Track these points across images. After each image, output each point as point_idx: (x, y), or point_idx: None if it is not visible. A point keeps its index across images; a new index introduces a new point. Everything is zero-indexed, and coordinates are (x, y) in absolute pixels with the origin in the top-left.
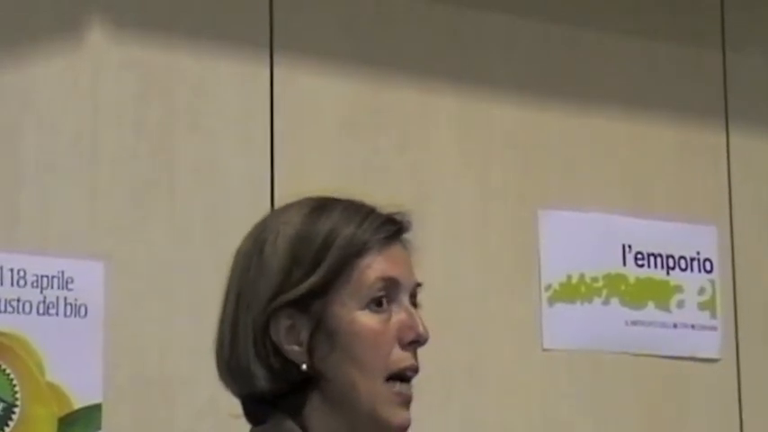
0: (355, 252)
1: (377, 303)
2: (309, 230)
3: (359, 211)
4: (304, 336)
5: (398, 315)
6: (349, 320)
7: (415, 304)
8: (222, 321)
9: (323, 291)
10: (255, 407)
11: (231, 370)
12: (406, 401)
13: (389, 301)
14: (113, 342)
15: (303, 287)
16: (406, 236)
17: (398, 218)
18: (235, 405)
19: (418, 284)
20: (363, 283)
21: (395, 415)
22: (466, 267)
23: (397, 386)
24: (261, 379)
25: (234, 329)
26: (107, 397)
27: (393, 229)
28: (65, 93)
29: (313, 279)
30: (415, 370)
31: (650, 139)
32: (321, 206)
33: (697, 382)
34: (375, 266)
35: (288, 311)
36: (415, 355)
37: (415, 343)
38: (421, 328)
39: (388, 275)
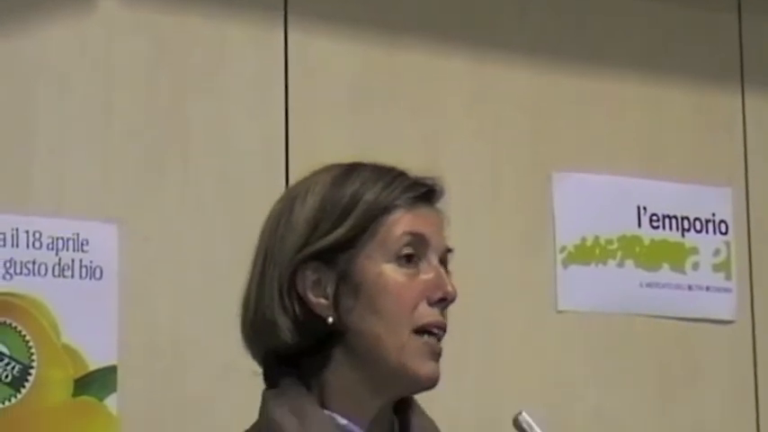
0: (383, 208)
1: (406, 259)
2: (338, 188)
3: (389, 172)
4: (330, 289)
5: (427, 274)
6: (375, 273)
7: (445, 268)
8: (250, 281)
9: (349, 244)
10: (276, 366)
11: (256, 325)
12: (435, 353)
13: (418, 259)
14: (128, 304)
15: (329, 239)
16: (437, 203)
17: (428, 182)
18: (251, 365)
19: (449, 250)
20: (390, 237)
21: (423, 365)
22: (480, 230)
23: (425, 338)
24: (285, 331)
25: (260, 286)
26: (122, 358)
27: (423, 190)
28: (78, 57)
29: (340, 231)
30: (443, 327)
31: (666, 102)
32: (351, 168)
33: (711, 344)
34: (403, 222)
35: (314, 265)
36: (443, 314)
37: (442, 301)
38: (449, 287)
39: (415, 230)
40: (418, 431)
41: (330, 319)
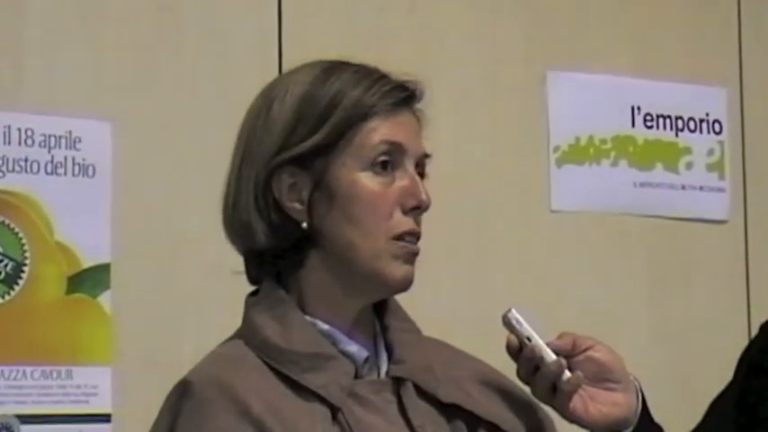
0: (361, 115)
1: (381, 166)
2: (317, 90)
3: (369, 75)
4: (305, 194)
5: (402, 181)
6: (349, 181)
7: (421, 174)
8: (228, 179)
9: (325, 150)
10: (255, 264)
11: (234, 226)
12: (411, 254)
13: (394, 167)
14: (121, 202)
15: (306, 145)
16: (417, 106)
17: (410, 85)
18: (241, 262)
19: (426, 155)
20: (366, 145)
21: (398, 269)
22: (474, 129)
23: (401, 242)
24: (261, 234)
25: (237, 186)
26: (115, 256)
27: (402, 95)
28: None
29: (316, 137)
30: (416, 235)
31: (661, 1)
32: (332, 68)
33: (705, 244)
34: (380, 130)
35: (290, 169)
36: (417, 222)
37: (416, 209)
38: (423, 195)
39: (392, 139)
40: (399, 334)
41: (304, 224)
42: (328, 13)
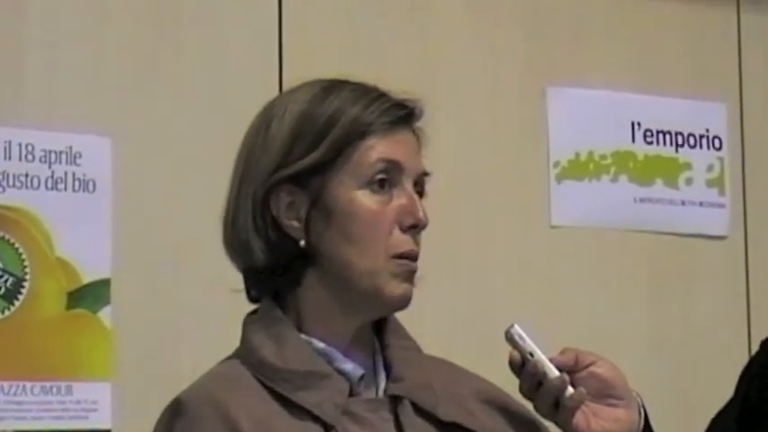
0: (359, 132)
1: (378, 185)
2: (315, 109)
3: (368, 93)
4: (303, 212)
5: (399, 200)
6: (347, 199)
7: (420, 193)
8: (228, 196)
9: (323, 168)
10: (254, 283)
11: (233, 244)
12: (410, 273)
13: (391, 185)
14: (122, 217)
15: (303, 163)
16: (417, 124)
17: (409, 104)
18: (241, 280)
19: (425, 174)
20: (363, 163)
21: (397, 287)
22: (474, 144)
23: (401, 260)
24: (259, 252)
25: (236, 203)
26: (116, 271)
27: (401, 113)
28: None
29: (314, 155)
30: (415, 256)
31: (661, 17)
32: (330, 86)
33: (705, 260)
34: (377, 148)
35: (288, 187)
36: (416, 241)
37: (414, 228)
38: (421, 214)
39: (389, 157)
40: (398, 351)
41: (302, 242)
42: (328, 25)
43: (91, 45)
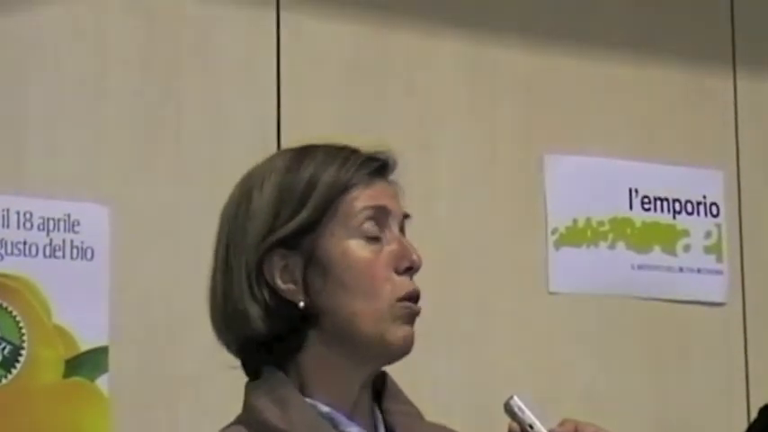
0: (341, 188)
1: (369, 234)
2: (294, 174)
3: (341, 152)
4: (298, 274)
5: (390, 246)
6: (340, 251)
7: (402, 233)
8: (214, 272)
9: (312, 227)
10: (252, 353)
11: (226, 315)
12: (412, 315)
13: (381, 231)
14: (119, 285)
15: (292, 225)
16: (391, 176)
17: (381, 156)
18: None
19: (406, 215)
20: (351, 213)
21: (399, 330)
22: (472, 211)
23: (404, 303)
24: (257, 319)
25: (227, 276)
26: (113, 339)
27: (376, 165)
28: (70, 37)
29: (302, 215)
30: (417, 297)
31: (658, 83)
32: (303, 152)
33: (703, 327)
34: (361, 198)
35: (280, 252)
36: (413, 283)
37: (410, 270)
38: (414, 256)
39: (375, 203)
40: (400, 417)
41: (302, 304)
42: (327, 100)
43: (90, 116)
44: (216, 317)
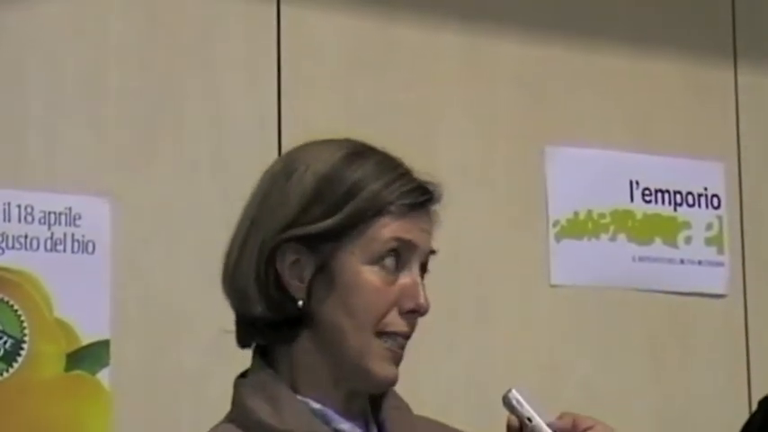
0: (377, 210)
1: (387, 264)
2: (338, 174)
3: (393, 169)
4: (307, 274)
5: (404, 280)
6: (354, 271)
7: (425, 266)
8: (234, 237)
9: (336, 236)
10: (246, 330)
11: (231, 287)
12: (396, 358)
13: (400, 266)
14: (121, 278)
15: (316, 227)
16: (432, 207)
17: (429, 187)
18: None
19: (432, 251)
20: (376, 240)
21: (382, 368)
22: (473, 204)
23: (388, 342)
24: (256, 304)
25: (242, 249)
26: (115, 333)
27: (421, 199)
28: (71, 32)
29: (329, 222)
30: (405, 335)
31: (659, 76)
32: (357, 153)
33: (704, 318)
34: (392, 226)
35: (296, 246)
36: (411, 325)
37: (413, 312)
38: (422, 300)
39: (403, 237)
40: (390, 411)
41: (300, 303)
42: (327, 94)
43: (91, 109)
44: (224, 281)
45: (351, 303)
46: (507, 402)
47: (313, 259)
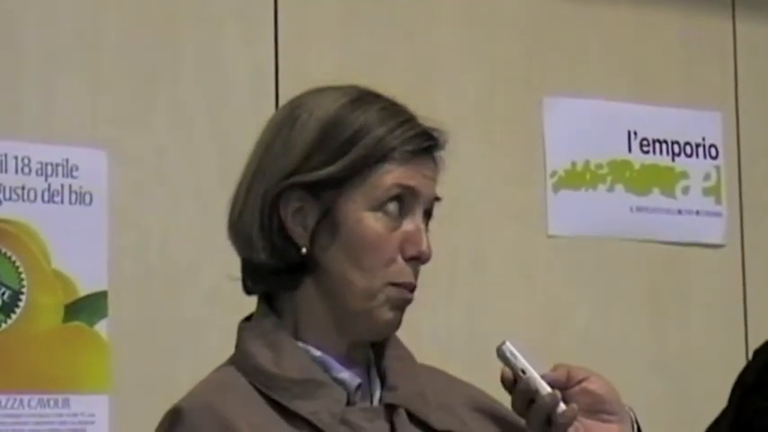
0: (380, 156)
1: (390, 211)
2: (342, 120)
3: (396, 115)
4: (310, 221)
5: (407, 226)
6: (356, 218)
7: (429, 213)
8: (239, 184)
9: (338, 183)
10: (251, 275)
11: (236, 234)
12: (404, 302)
13: (403, 212)
14: (118, 229)
15: (319, 174)
16: (437, 153)
17: (434, 134)
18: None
19: (436, 198)
20: (379, 186)
21: (386, 313)
22: (471, 155)
23: (394, 292)
24: (260, 251)
25: (247, 196)
26: (112, 284)
27: (425, 144)
28: None
29: (331, 169)
30: (412, 289)
31: (657, 26)
32: (361, 99)
33: (701, 268)
34: (395, 173)
35: (299, 193)
36: (414, 273)
37: (415, 259)
38: (424, 247)
39: (405, 183)
40: (392, 361)
41: (304, 250)
42: (324, 43)
43: (88, 59)
44: (229, 228)
45: (354, 250)
46: (501, 354)
47: (317, 206)
